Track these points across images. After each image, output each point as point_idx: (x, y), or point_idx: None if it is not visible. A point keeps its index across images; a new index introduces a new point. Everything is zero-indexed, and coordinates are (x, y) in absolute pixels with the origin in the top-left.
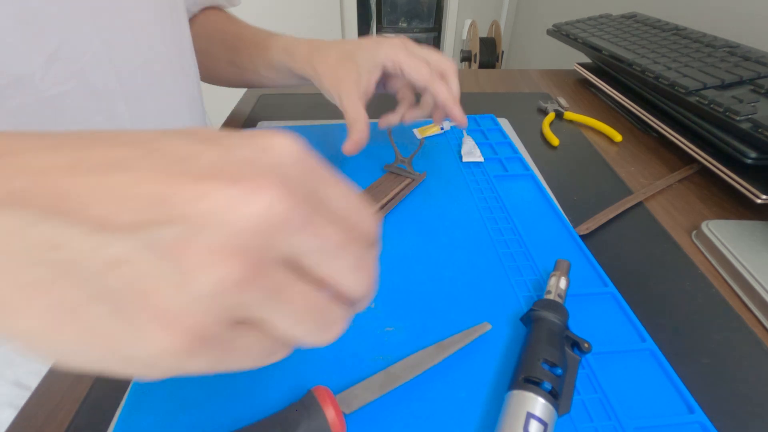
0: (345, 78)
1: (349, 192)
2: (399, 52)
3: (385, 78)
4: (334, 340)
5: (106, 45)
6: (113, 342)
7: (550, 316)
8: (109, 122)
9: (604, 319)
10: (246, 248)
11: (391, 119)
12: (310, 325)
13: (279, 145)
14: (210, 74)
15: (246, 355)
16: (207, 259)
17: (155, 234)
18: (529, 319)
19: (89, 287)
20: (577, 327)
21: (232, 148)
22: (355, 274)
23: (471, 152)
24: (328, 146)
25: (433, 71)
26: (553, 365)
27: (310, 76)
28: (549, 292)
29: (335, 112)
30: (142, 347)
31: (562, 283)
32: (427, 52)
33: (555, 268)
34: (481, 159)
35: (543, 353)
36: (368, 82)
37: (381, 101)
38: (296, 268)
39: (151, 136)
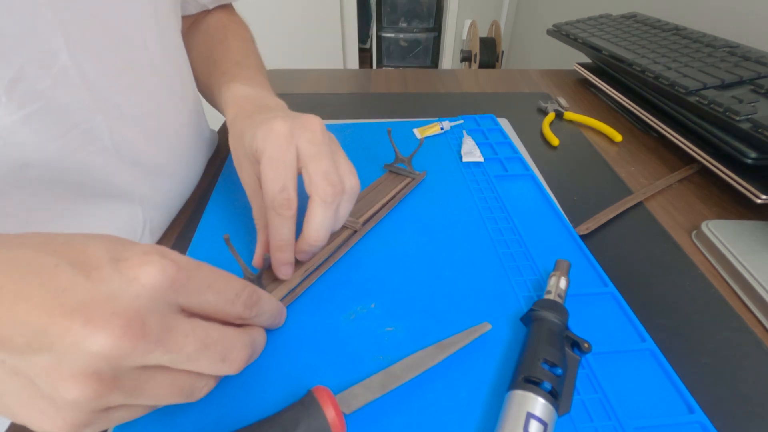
0: (242, 157)
1: (221, 290)
2: (267, 146)
3: None
4: (199, 398)
5: (74, 58)
6: (17, 419)
7: (550, 316)
8: (85, 136)
9: (604, 319)
10: (95, 371)
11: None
12: (173, 399)
13: (144, 276)
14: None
15: (126, 419)
16: (67, 380)
17: (36, 358)
18: (529, 319)
19: (1, 385)
20: (577, 327)
21: (104, 282)
22: (219, 365)
23: (471, 152)
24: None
25: (277, 193)
26: (552, 365)
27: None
28: (549, 292)
29: (336, 113)
30: (36, 429)
31: (562, 283)
32: (332, 150)
33: (555, 268)
34: (481, 159)
35: (543, 353)
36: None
37: (380, 101)
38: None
39: (47, 264)
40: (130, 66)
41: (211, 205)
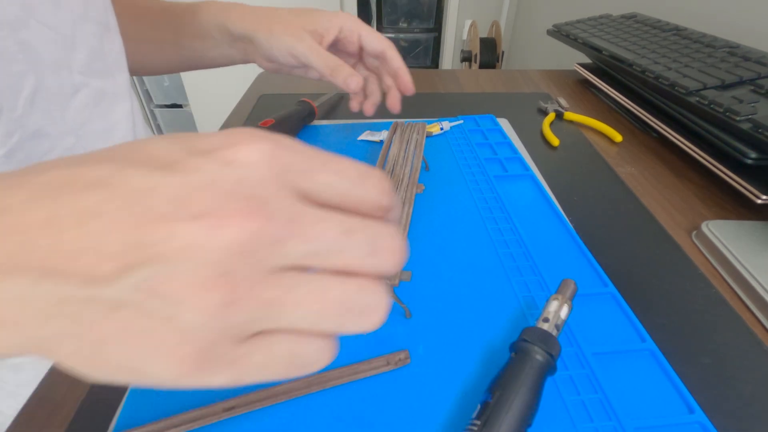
0: (301, 30)
1: (342, 170)
2: (358, 21)
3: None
4: (379, 323)
5: (38, 77)
6: (131, 370)
7: (539, 356)
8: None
9: (603, 319)
10: (223, 274)
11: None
12: (335, 318)
13: (242, 155)
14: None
15: (271, 366)
16: (187, 291)
17: (136, 277)
18: (515, 348)
19: (98, 331)
20: (577, 327)
21: (191, 172)
22: (372, 257)
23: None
24: (328, 148)
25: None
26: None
27: (251, 31)
28: (546, 320)
29: (336, 113)
30: (156, 373)
31: (564, 311)
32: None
33: (559, 290)
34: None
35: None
36: (325, 38)
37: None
38: (305, 269)
39: (108, 172)
40: (109, 77)
41: None
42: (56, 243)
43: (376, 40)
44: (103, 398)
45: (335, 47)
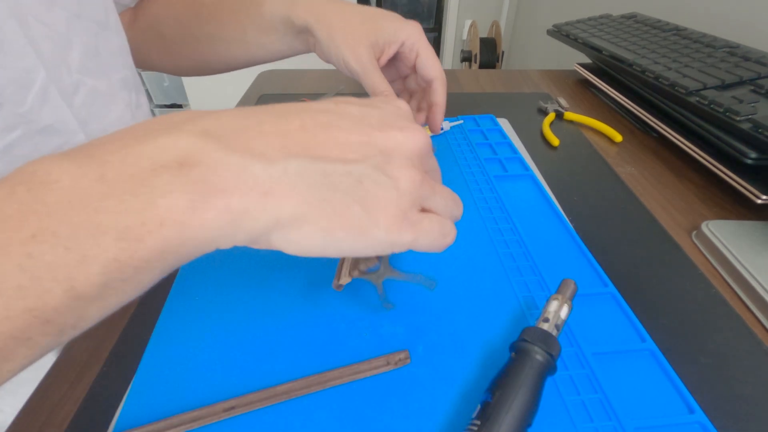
0: (363, 39)
1: (449, 194)
2: (422, 37)
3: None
4: (451, 242)
5: (51, 75)
6: (362, 227)
7: (539, 356)
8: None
9: (603, 319)
10: (417, 163)
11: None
12: (452, 211)
13: (398, 105)
14: (181, 62)
15: (430, 233)
16: (401, 169)
17: (372, 161)
18: (515, 348)
19: (349, 195)
20: (577, 327)
21: (383, 109)
22: (453, 203)
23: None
24: None
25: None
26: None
27: (313, 25)
28: (546, 320)
29: None
30: (377, 228)
31: (564, 311)
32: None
33: (559, 290)
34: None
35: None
36: (385, 52)
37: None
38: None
39: (331, 107)
40: (102, 76)
41: None
42: (311, 141)
43: (429, 67)
44: (103, 398)
45: (393, 58)
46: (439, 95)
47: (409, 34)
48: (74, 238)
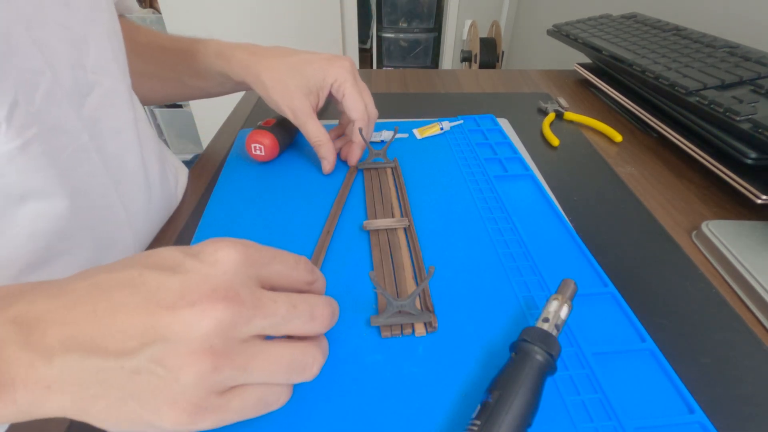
0: (296, 92)
1: (285, 260)
2: (348, 78)
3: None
4: (315, 375)
5: (56, 76)
6: (144, 422)
7: (539, 356)
8: (75, 157)
9: (603, 319)
10: (210, 346)
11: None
12: (286, 374)
13: (223, 258)
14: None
15: (244, 410)
16: (185, 360)
17: (151, 350)
18: (515, 348)
19: (124, 391)
20: (577, 327)
21: (187, 272)
22: (311, 323)
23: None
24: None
25: (365, 110)
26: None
27: (251, 82)
28: (546, 320)
29: (336, 113)
30: (163, 422)
31: (564, 311)
32: (365, 87)
33: (559, 290)
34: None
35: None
36: (318, 98)
37: (380, 102)
38: (264, 337)
39: (134, 276)
40: (101, 77)
41: (210, 206)
42: (96, 330)
43: (351, 109)
44: None
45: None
46: (356, 135)
47: (336, 75)
48: None
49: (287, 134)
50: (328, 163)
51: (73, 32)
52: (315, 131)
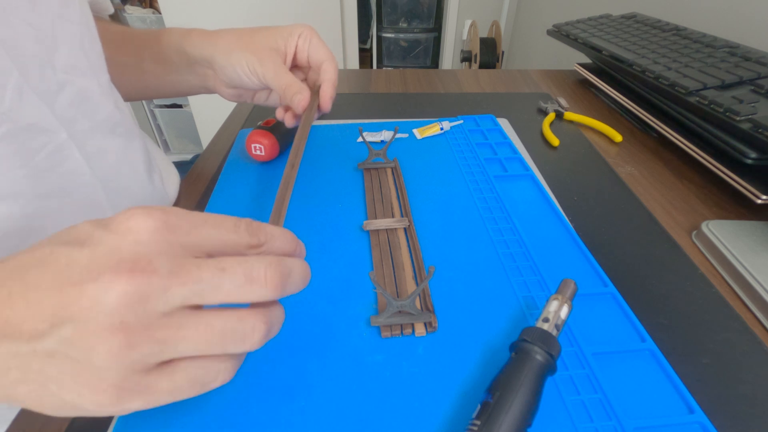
0: (263, 47)
1: (218, 223)
2: (313, 32)
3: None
4: (261, 343)
5: (24, 74)
6: (68, 405)
7: (539, 356)
8: (53, 157)
9: (604, 319)
10: (120, 322)
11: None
12: (220, 345)
13: (135, 226)
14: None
15: (177, 389)
16: (95, 340)
17: (61, 331)
18: (515, 348)
19: (42, 375)
20: (577, 327)
21: (97, 245)
22: (249, 286)
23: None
24: (319, 147)
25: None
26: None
27: (210, 53)
28: (546, 320)
29: (336, 113)
30: (86, 405)
31: (564, 311)
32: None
33: (559, 290)
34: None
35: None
36: (288, 53)
37: (380, 102)
38: (195, 306)
39: (45, 252)
40: (91, 76)
41: (210, 206)
42: (12, 314)
43: (319, 51)
44: None
45: (293, 67)
46: (329, 72)
47: (301, 30)
48: None
49: (287, 134)
50: (303, 103)
51: (40, 31)
52: (282, 75)
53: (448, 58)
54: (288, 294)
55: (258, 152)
